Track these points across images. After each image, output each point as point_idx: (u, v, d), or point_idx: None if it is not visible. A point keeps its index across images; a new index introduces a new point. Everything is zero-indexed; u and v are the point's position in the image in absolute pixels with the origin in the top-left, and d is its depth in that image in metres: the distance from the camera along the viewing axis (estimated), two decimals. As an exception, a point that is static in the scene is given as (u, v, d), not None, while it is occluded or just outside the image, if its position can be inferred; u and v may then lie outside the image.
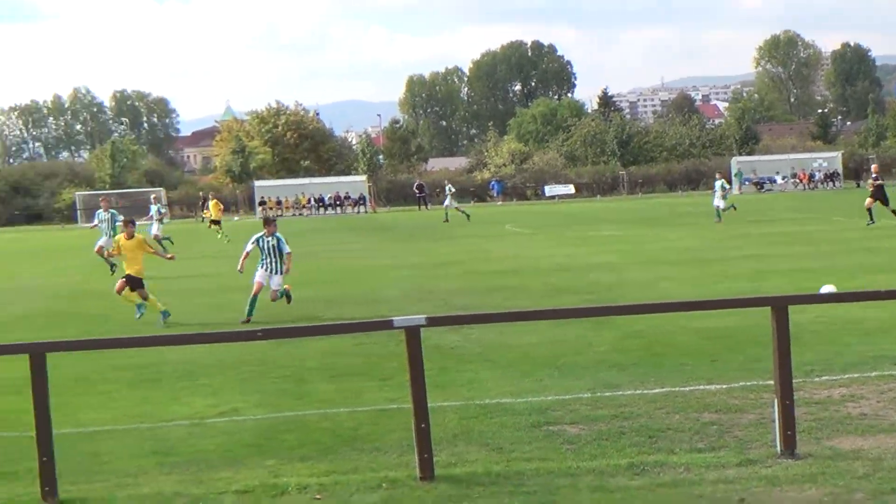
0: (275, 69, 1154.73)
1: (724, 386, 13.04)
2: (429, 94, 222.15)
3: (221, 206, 60.93)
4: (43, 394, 9.58)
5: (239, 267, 22.95)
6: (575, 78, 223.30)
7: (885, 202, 41.74)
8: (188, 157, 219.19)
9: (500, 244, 42.17)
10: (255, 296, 21.82)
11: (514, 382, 13.98)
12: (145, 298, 22.55)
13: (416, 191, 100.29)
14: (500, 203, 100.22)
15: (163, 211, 50.65)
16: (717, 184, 52.37)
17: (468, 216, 63.08)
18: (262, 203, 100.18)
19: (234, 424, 12.34)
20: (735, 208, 52.98)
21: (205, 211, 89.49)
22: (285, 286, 22.79)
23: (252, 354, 16.71)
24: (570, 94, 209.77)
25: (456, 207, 66.02)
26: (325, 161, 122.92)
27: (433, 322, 10.52)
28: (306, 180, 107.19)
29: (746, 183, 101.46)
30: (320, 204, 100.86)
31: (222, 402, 13.60)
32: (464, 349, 16.72)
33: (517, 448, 10.58)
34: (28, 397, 9.90)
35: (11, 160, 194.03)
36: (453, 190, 70.72)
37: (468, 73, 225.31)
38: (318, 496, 9.33)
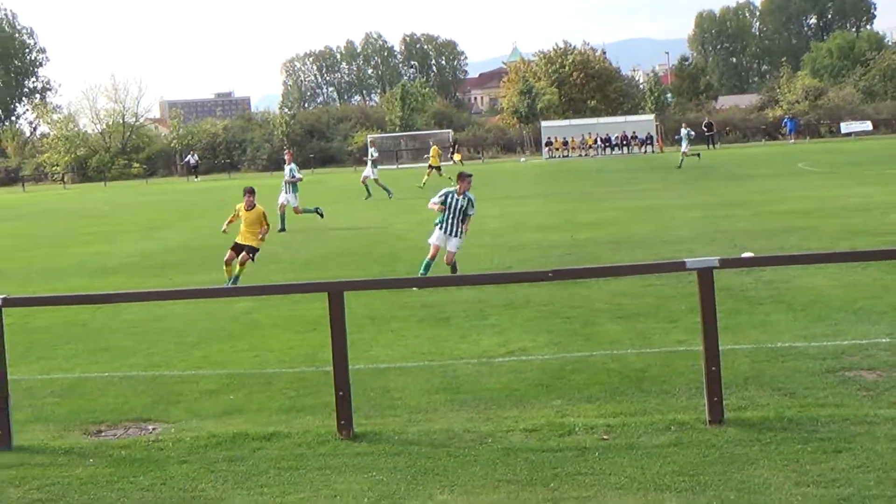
0: (561, 8, 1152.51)
1: None
2: (719, 30, 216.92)
3: (440, 152, 60.50)
4: (340, 331, 9.92)
5: (435, 207, 19.98)
6: (875, 8, 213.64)
7: None
8: (475, 98, 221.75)
9: (792, 184, 40.95)
10: (431, 260, 19.21)
11: (808, 326, 13.61)
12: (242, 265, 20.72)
13: (705, 129, 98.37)
14: (792, 141, 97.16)
15: (375, 156, 49.48)
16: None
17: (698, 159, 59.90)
18: (549, 143, 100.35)
19: (522, 364, 12.49)
20: None
21: (456, 154, 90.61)
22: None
23: (540, 295, 16.85)
24: (869, 26, 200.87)
25: (683, 151, 62.97)
26: (612, 101, 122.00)
27: (726, 264, 10.34)
28: (593, 120, 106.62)
29: None
30: (606, 144, 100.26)
31: (510, 342, 13.78)
32: (755, 291, 16.38)
33: (810, 393, 10.32)
34: (325, 335, 10.28)
35: (307, 105, 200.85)
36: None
37: (760, 7, 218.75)
38: (605, 437, 9.36)
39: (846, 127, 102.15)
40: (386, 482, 8.53)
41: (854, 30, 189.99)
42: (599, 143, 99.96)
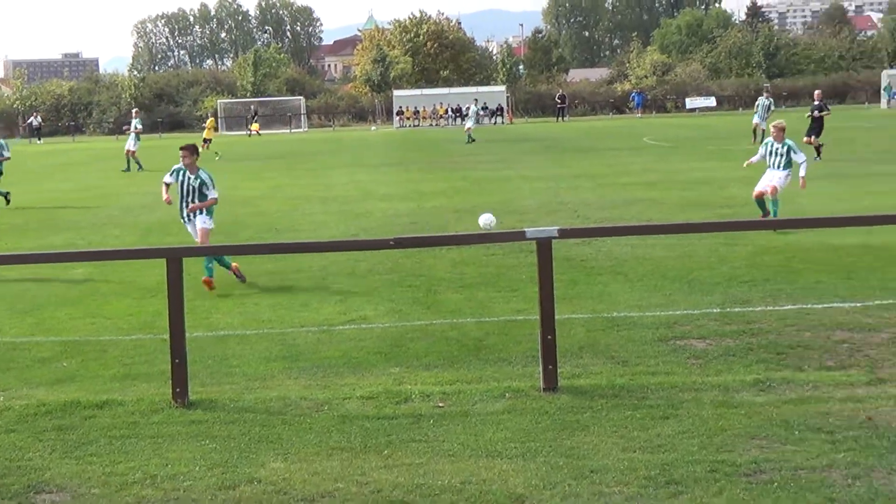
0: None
1: (859, 304, 12.79)
2: (572, 4, 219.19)
3: (215, 125, 58.93)
4: (178, 298, 9.79)
5: (165, 198, 17.35)
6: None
7: None
8: (329, 66, 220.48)
9: (637, 157, 41.69)
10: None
11: (644, 296, 13.89)
12: None
13: (558, 101, 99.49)
14: (639, 115, 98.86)
15: (139, 128, 47.42)
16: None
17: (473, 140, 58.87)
18: (400, 113, 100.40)
19: (362, 332, 12.50)
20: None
21: (254, 124, 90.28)
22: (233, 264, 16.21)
23: (383, 264, 16.88)
24: (717, 4, 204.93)
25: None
26: (465, 71, 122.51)
27: (565, 234, 10.47)
28: (445, 90, 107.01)
29: (895, 97, 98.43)
30: (458, 114, 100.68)
31: (351, 310, 13.78)
32: (595, 262, 16.64)
33: (642, 361, 10.55)
34: (164, 301, 10.14)
35: (157, 68, 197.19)
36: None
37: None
38: (440, 404, 9.43)
39: (691, 102, 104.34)
40: (219, 450, 8.46)
41: (703, 7, 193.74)
42: (451, 113, 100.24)
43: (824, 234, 17.58)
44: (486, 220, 19.49)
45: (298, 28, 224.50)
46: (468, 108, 67.25)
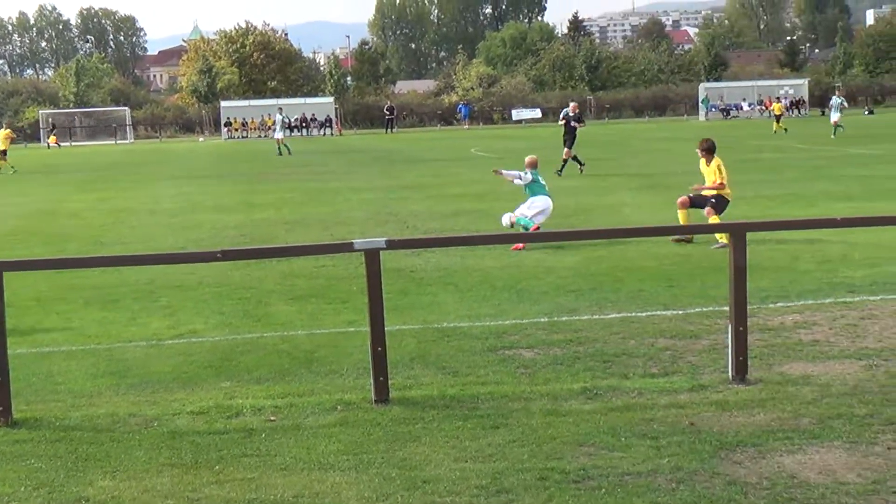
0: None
1: (681, 312, 13.15)
2: (398, 16, 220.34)
3: (13, 136, 57.21)
4: (-2, 314, 9.52)
5: None
6: (546, 1, 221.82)
7: None
8: (155, 76, 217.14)
9: (465, 168, 42.13)
10: None
11: (473, 306, 14.03)
12: None
13: (386, 112, 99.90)
14: (466, 127, 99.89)
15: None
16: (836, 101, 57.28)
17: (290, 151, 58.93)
18: (228, 124, 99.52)
19: (192, 346, 12.34)
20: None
21: (51, 136, 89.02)
22: None
23: (212, 276, 16.69)
24: (540, 18, 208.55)
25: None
26: (293, 82, 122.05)
27: (393, 245, 10.52)
28: (273, 101, 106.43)
29: (713, 109, 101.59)
30: (286, 125, 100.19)
31: (180, 324, 13.59)
32: (425, 273, 16.74)
33: (472, 372, 10.65)
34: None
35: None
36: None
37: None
38: (272, 418, 9.38)
39: (517, 114, 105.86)
40: (45, 469, 8.26)
41: (527, 21, 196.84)
42: (290, 122, 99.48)
43: (647, 244, 18.04)
44: (507, 219, 19.76)
45: (122, 38, 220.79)
46: (275, 119, 66.37)
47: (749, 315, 10.47)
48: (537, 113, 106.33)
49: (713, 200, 18.83)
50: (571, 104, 39.28)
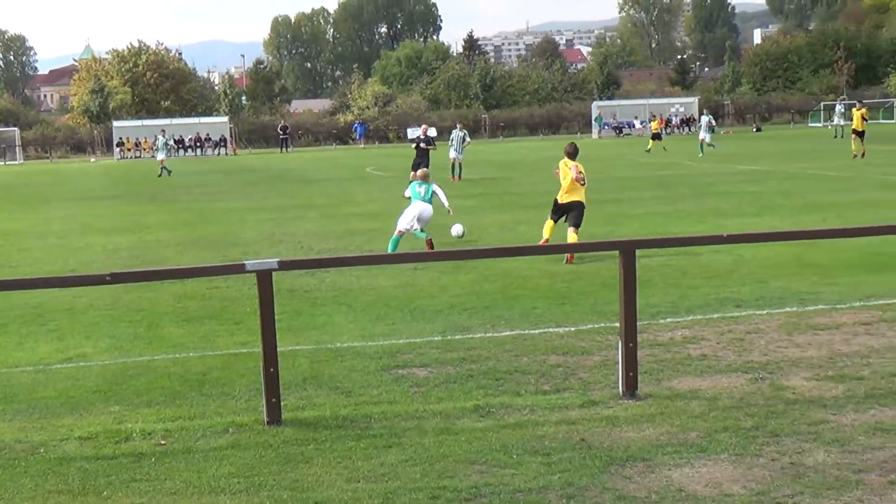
0: (136, 7, 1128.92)
1: (572, 328, 13.27)
2: (294, 35, 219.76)
3: None
4: None
5: None
6: (441, 21, 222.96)
7: None
8: (45, 96, 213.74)
9: (360, 187, 42.11)
10: None
11: (367, 326, 14.03)
12: None
13: (280, 132, 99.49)
14: (362, 146, 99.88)
15: None
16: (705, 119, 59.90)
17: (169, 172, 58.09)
18: (121, 144, 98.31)
19: (81, 370, 12.15)
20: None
21: None
22: None
23: (103, 299, 16.47)
24: (435, 37, 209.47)
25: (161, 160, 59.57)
26: (187, 102, 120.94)
27: (285, 266, 10.48)
28: (166, 121, 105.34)
29: (606, 127, 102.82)
30: (180, 145, 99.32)
31: (69, 348, 13.38)
32: (318, 293, 16.70)
33: (365, 391, 10.64)
34: None
35: None
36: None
37: (334, 15, 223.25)
38: (162, 441, 9.28)
39: (412, 133, 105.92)
40: (-73, 499, 8.08)
41: (422, 40, 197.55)
42: (173, 144, 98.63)
43: (539, 262, 18.20)
44: (458, 229, 20.92)
45: (12, 57, 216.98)
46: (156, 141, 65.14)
47: (639, 331, 10.62)
48: (433, 132, 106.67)
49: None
50: (422, 126, 39.43)
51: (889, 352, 11.50)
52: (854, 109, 51.79)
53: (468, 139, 38.01)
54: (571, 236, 19.10)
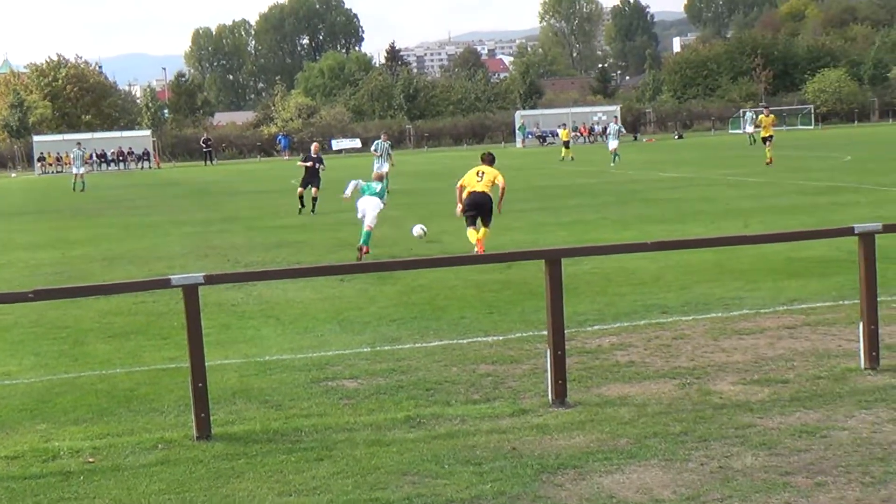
0: (55, 21, 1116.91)
1: (501, 337, 13.34)
2: (215, 48, 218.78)
3: None
4: None
5: None
6: (363, 32, 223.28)
7: None
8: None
9: (286, 199, 41.92)
10: None
11: (295, 339, 14.00)
12: None
13: (203, 145, 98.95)
14: (286, 158, 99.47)
15: None
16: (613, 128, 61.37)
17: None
18: (42, 159, 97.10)
19: (5, 388, 11.99)
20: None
21: None
22: None
23: (27, 316, 16.27)
24: (358, 48, 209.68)
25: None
26: (108, 116, 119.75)
27: (211, 280, 10.42)
28: (88, 135, 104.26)
29: (530, 136, 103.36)
30: (102, 160, 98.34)
31: (-7, 366, 13.21)
32: (246, 306, 16.64)
33: (295, 404, 10.62)
34: None
35: None
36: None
37: (255, 26, 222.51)
38: (90, 459, 9.18)
39: (337, 144, 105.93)
40: None
41: (344, 51, 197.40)
42: (95, 158, 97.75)
43: (466, 272, 18.23)
44: (418, 230, 22.92)
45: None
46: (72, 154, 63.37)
47: (567, 339, 10.69)
48: (357, 143, 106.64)
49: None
50: (314, 145, 39.12)
51: (812, 355, 11.68)
52: (762, 116, 52.58)
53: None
54: (483, 231, 21.28)
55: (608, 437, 9.06)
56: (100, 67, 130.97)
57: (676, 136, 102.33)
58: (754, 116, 74.56)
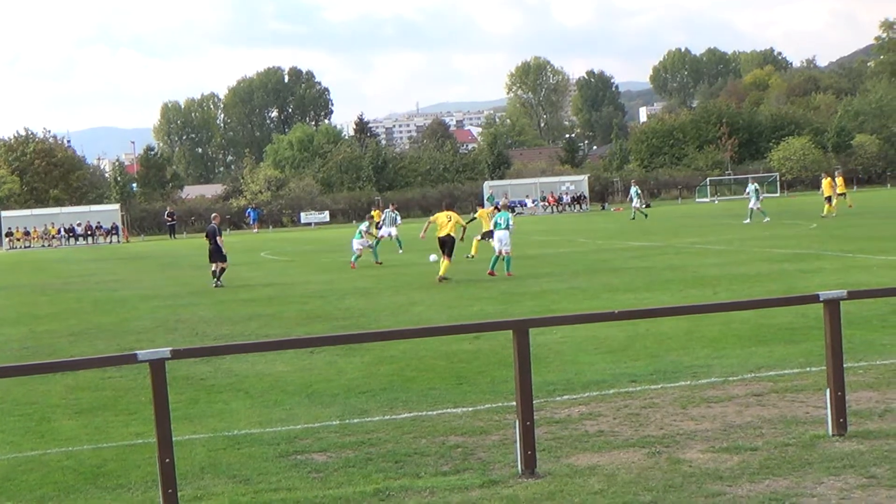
0: (22, 96, 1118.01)
1: (470, 409, 13.31)
2: (184, 121, 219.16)
3: None
4: None
5: None
6: (332, 104, 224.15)
7: None
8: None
9: (255, 272, 41.94)
10: None
11: (265, 412, 13.93)
12: None
13: (168, 218, 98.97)
14: (256, 230, 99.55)
15: None
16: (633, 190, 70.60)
17: None
18: (10, 234, 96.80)
19: (-30, 467, 11.88)
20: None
21: None
22: None
23: (-8, 393, 16.14)
24: (327, 120, 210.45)
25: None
26: (76, 189, 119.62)
27: (178, 355, 10.38)
28: (56, 210, 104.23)
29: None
30: (71, 234, 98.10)
31: (-42, 444, 13.08)
32: (214, 380, 16.55)
33: (264, 479, 10.55)
34: None
35: None
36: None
37: (224, 100, 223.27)
38: (56, 538, 9.10)
39: (306, 217, 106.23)
40: None
41: (313, 124, 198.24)
42: (63, 232, 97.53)
43: (435, 343, 18.22)
44: (433, 258, 25.69)
45: None
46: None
47: (536, 409, 10.70)
48: (325, 216, 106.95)
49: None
50: (214, 215, 39.31)
51: (781, 422, 11.71)
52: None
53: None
54: (445, 263, 30.39)
55: (578, 507, 9.05)
56: (68, 142, 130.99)
57: (644, 205, 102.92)
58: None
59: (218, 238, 35.73)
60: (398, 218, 52.15)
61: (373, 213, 61.89)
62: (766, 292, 23.37)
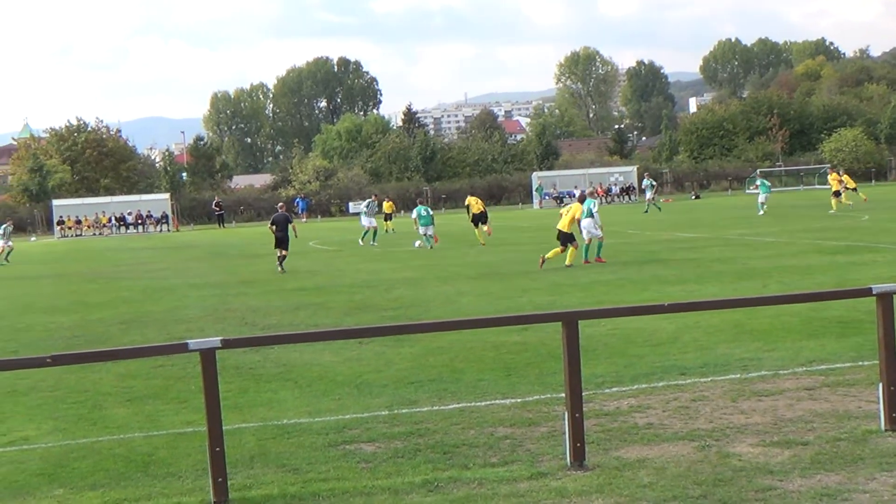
0: (75, 86, 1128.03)
1: (519, 400, 13.29)
2: (233, 111, 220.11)
3: None
4: None
5: None
6: (381, 94, 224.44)
7: None
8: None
9: (304, 261, 42.03)
10: None
11: (313, 402, 13.97)
12: None
13: (215, 208, 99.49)
14: (304, 220, 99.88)
15: None
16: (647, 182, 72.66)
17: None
18: (61, 223, 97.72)
19: (24, 453, 12.00)
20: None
21: None
22: None
23: (45, 381, 16.29)
24: (375, 111, 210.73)
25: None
26: (127, 179, 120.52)
27: (228, 344, 10.44)
28: (107, 199, 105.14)
29: (547, 197, 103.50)
30: (121, 223, 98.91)
31: (11, 431, 13.22)
32: (263, 369, 16.63)
33: (313, 468, 10.58)
34: None
35: None
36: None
37: (273, 90, 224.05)
38: (108, 525, 9.17)
39: (354, 206, 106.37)
40: None
41: (362, 113, 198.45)
42: (114, 221, 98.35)
43: (484, 334, 18.21)
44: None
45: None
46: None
47: (585, 401, 10.66)
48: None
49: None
50: (280, 204, 40.99)
51: (832, 416, 11.61)
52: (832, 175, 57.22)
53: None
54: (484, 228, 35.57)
55: (627, 500, 9.01)
56: (119, 131, 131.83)
57: (694, 197, 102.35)
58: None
59: (291, 225, 37.74)
60: (378, 208, 55.94)
61: (384, 205, 63.08)
62: (817, 285, 23.18)
